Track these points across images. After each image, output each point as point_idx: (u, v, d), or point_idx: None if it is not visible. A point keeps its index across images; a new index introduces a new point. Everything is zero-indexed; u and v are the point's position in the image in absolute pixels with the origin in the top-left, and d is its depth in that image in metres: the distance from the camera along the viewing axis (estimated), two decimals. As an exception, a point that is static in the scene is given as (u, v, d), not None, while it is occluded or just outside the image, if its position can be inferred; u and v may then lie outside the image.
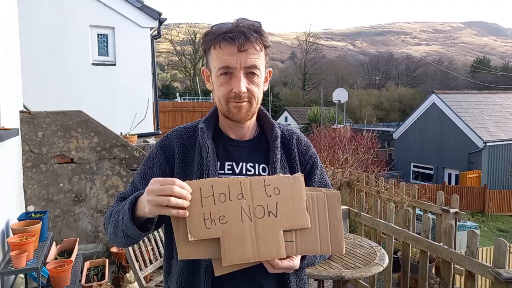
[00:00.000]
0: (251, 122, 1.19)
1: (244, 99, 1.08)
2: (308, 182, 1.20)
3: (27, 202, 3.69)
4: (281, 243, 0.93)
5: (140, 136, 5.98)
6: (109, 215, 1.15)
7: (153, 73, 7.84)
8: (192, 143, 1.16)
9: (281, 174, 1.01)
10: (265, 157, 1.17)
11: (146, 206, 0.94)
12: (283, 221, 0.94)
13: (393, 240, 3.35)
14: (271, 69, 1.20)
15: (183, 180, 1.10)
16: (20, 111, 3.65)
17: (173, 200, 0.89)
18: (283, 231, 0.94)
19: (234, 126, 1.17)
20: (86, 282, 3.03)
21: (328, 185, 1.29)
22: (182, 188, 0.91)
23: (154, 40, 7.90)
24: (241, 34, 1.03)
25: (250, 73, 1.07)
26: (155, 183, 0.93)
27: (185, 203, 0.91)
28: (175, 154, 1.16)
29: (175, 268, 1.16)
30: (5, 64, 3.13)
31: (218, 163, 1.14)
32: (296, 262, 0.98)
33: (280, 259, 0.94)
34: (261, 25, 1.09)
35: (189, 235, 0.90)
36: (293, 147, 1.21)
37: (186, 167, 1.14)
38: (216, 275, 0.96)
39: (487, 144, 18.96)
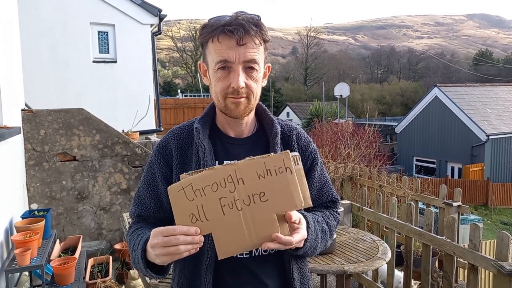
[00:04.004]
0: (249, 118, 1.16)
1: (242, 95, 1.05)
2: (308, 178, 1.17)
3: (30, 200, 3.71)
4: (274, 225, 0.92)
5: (142, 133, 5.98)
6: (128, 243, 1.14)
7: (154, 70, 7.83)
8: (189, 143, 1.14)
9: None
10: (265, 154, 1.16)
11: (156, 259, 0.95)
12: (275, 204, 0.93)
13: (396, 234, 3.35)
14: (270, 64, 1.16)
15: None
16: (22, 110, 3.66)
17: (183, 248, 0.89)
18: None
19: (231, 122, 1.13)
20: (90, 279, 3.05)
21: (327, 181, 1.27)
22: (186, 235, 0.90)
23: (155, 37, 7.88)
24: (240, 27, 1.00)
25: (249, 67, 1.04)
26: (157, 235, 0.92)
27: (195, 246, 0.90)
28: (173, 155, 1.13)
29: (177, 268, 1.15)
30: (6, 62, 3.13)
31: (217, 162, 1.11)
32: (297, 237, 0.95)
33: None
34: (260, 19, 1.06)
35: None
36: (293, 143, 1.18)
37: (184, 167, 1.11)
38: (219, 259, 0.95)
39: (490, 137, 18.89)
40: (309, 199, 0.95)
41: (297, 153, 0.98)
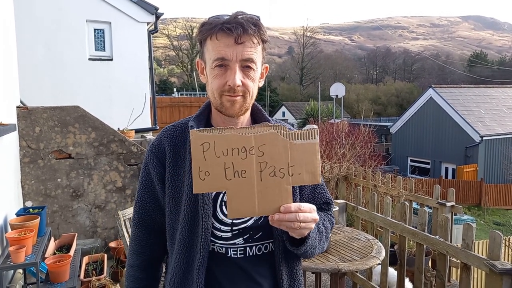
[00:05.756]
0: (245, 118, 1.15)
1: (239, 93, 1.05)
2: None
3: (25, 198, 3.70)
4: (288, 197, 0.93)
5: (137, 131, 5.97)
6: (125, 280, 1.23)
7: (150, 68, 7.82)
8: (183, 141, 1.13)
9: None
10: None
11: None
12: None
13: (390, 233, 3.37)
14: (267, 65, 1.16)
15: (174, 179, 1.09)
16: (17, 107, 3.64)
17: None
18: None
19: (227, 121, 1.13)
20: (85, 277, 3.05)
21: (321, 182, 1.28)
22: None
23: (151, 35, 7.87)
24: (239, 26, 1.00)
25: (246, 66, 1.04)
26: None
27: None
28: (166, 154, 1.13)
29: (170, 267, 1.15)
30: (1, 59, 3.12)
31: None
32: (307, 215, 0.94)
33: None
34: (260, 19, 1.06)
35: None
36: None
37: (178, 165, 1.11)
38: (228, 218, 1.01)
39: (484, 138, 19.04)
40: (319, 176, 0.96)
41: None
